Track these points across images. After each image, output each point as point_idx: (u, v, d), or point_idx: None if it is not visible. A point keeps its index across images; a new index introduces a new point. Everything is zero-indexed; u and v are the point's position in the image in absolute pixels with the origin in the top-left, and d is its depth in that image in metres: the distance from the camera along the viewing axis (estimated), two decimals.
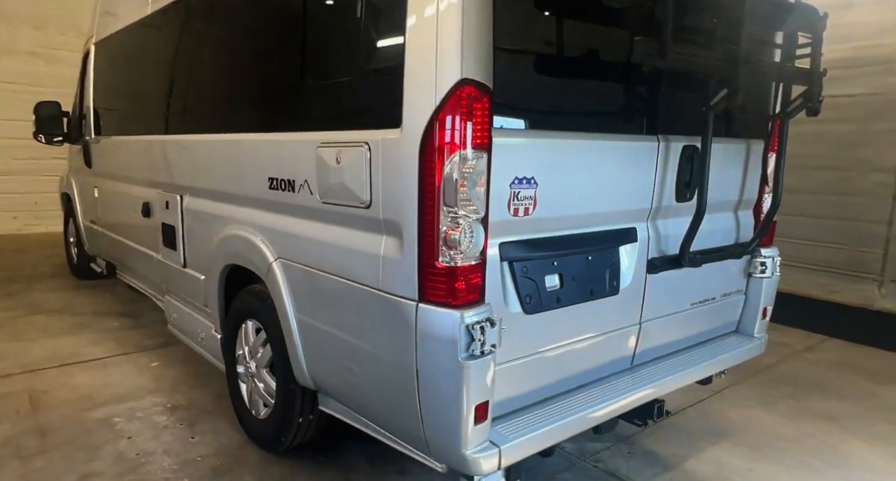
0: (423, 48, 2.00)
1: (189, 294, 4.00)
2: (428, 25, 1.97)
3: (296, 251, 2.79)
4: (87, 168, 5.80)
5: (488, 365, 2.09)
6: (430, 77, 1.98)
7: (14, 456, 3.20)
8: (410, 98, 2.05)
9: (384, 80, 2.18)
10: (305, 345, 2.82)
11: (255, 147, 3.02)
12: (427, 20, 1.98)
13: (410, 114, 2.05)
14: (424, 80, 2.00)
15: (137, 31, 4.42)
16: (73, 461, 3.17)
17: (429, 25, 1.97)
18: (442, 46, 1.94)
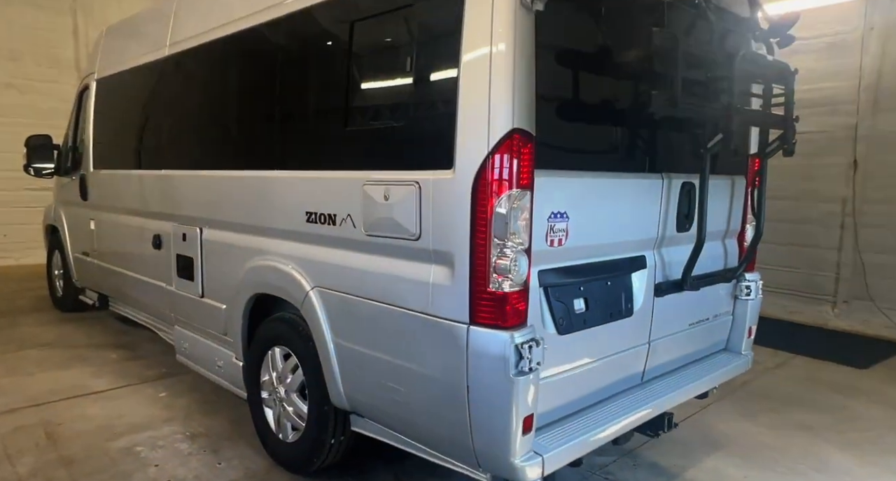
0: (476, 99, 2.27)
1: (206, 323, 4.13)
2: (480, 79, 2.26)
3: (335, 280, 3.00)
4: (83, 200, 5.86)
5: (534, 381, 2.34)
6: (482, 125, 2.25)
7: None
8: (463, 143, 2.32)
9: (436, 127, 2.44)
10: (343, 367, 3.01)
11: (292, 183, 3.23)
12: (479, 74, 2.26)
13: (463, 157, 2.32)
14: (477, 127, 2.27)
15: (156, 70, 4.57)
16: None
17: (481, 79, 2.25)
18: (494, 98, 2.22)
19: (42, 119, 10.07)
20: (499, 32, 2.22)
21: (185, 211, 4.25)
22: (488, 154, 2.24)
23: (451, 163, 2.36)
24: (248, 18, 3.53)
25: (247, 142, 3.75)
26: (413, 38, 2.64)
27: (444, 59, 2.43)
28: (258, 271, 3.53)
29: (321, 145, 3.13)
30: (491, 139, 2.23)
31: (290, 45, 3.38)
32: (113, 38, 5.60)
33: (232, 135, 3.92)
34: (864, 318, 7.25)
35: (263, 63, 3.57)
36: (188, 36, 4.15)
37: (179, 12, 4.41)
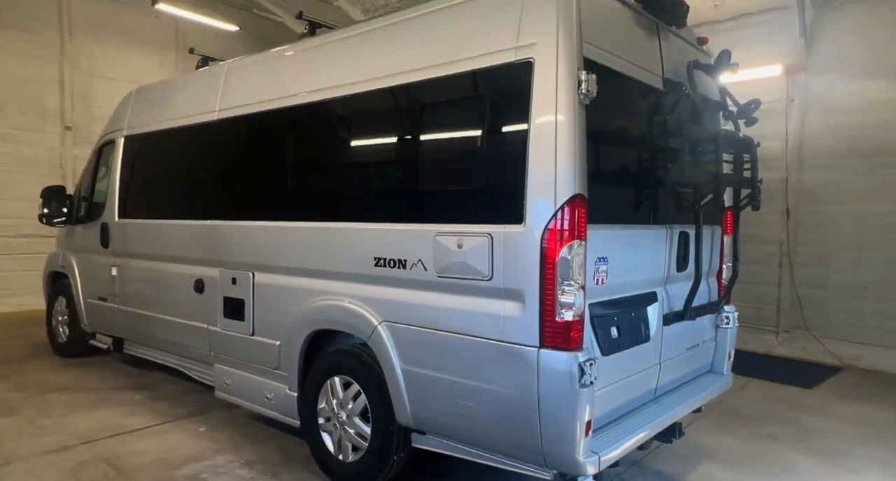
0: (543, 171, 2.93)
1: (256, 359, 4.56)
2: (547, 156, 2.92)
3: (404, 315, 3.55)
4: (103, 248, 6.17)
5: (592, 393, 2.96)
6: (549, 191, 2.91)
7: None
8: (532, 204, 2.97)
9: (506, 191, 3.08)
10: (410, 390, 3.54)
11: (361, 233, 3.78)
12: (546, 153, 2.93)
13: (532, 215, 2.97)
14: (545, 192, 2.93)
15: (206, 130, 5.04)
16: None
17: (547, 156, 2.92)
18: (560, 170, 2.89)
19: (26, 167, 10.28)
20: (562, 121, 2.90)
21: (234, 257, 4.70)
22: (555, 213, 2.89)
23: (522, 220, 3.00)
24: (324, 91, 4.09)
25: (309, 197, 4.30)
26: (484, 120, 3.29)
27: (512, 139, 3.09)
28: (320, 310, 4.04)
29: (392, 202, 3.73)
30: (557, 201, 2.89)
31: (367, 116, 3.97)
32: (144, 100, 6.05)
33: (292, 190, 4.44)
34: (803, 346, 8.23)
35: (335, 132, 4.14)
36: (248, 102, 4.68)
37: (230, 83, 4.96)
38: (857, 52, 7.80)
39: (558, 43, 2.94)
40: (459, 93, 3.41)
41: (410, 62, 3.61)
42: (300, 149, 4.50)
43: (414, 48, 3.63)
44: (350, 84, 3.94)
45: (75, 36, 10.75)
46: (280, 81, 4.51)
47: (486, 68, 3.23)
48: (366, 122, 4.00)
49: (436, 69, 3.46)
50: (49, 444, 4.53)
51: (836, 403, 6.10)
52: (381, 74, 3.75)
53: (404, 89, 3.65)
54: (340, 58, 4.11)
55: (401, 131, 3.80)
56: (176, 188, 5.49)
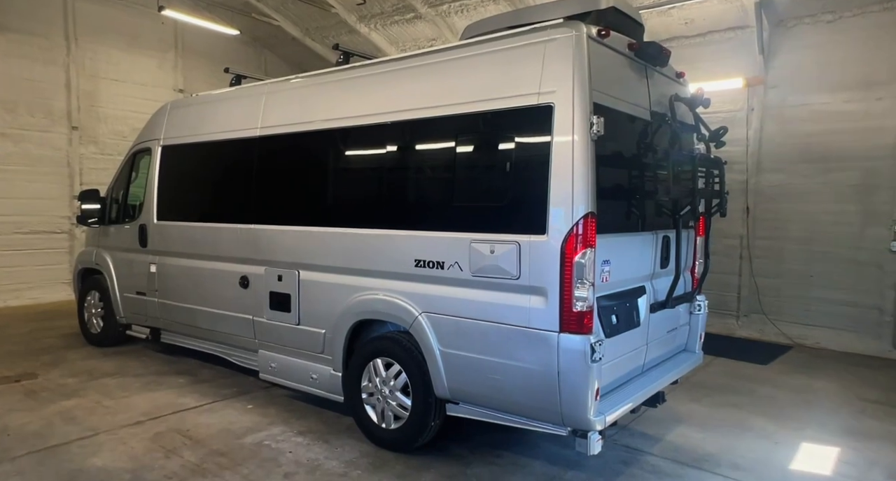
0: (562, 192, 3.75)
1: (302, 345, 5.32)
2: (565, 180, 3.73)
3: (441, 306, 4.36)
4: (142, 247, 6.82)
5: (600, 367, 3.81)
6: (567, 209, 3.73)
7: (220, 469, 4.36)
8: (553, 219, 3.79)
9: (531, 208, 3.89)
10: (447, 368, 4.35)
11: (403, 239, 4.56)
12: (564, 178, 3.74)
13: (553, 227, 3.79)
14: (564, 210, 3.75)
15: (251, 144, 5.73)
16: (266, 468, 4.39)
17: (565, 181, 3.73)
18: (576, 192, 3.71)
19: (36, 166, 10.73)
20: (577, 155, 3.72)
21: (279, 257, 5.44)
22: (572, 226, 3.72)
23: (545, 231, 3.82)
24: (370, 117, 4.82)
25: (354, 207, 5.05)
26: (511, 150, 4.09)
27: (536, 167, 3.89)
28: (364, 303, 4.83)
29: (431, 214, 4.51)
30: (574, 217, 3.72)
31: (407, 141, 4.71)
32: (181, 113, 6.69)
33: (338, 201, 5.20)
34: (760, 328, 9.30)
35: (377, 154, 4.89)
36: (292, 122, 5.41)
37: (271, 103, 5.67)
38: (807, 68, 8.81)
39: (574, 93, 3.76)
40: (491, 126, 4.20)
41: (448, 97, 4.39)
42: (345, 166, 5.25)
43: (451, 86, 4.41)
44: (393, 112, 4.70)
45: (80, 39, 11.17)
46: (324, 105, 5.23)
47: (514, 108, 4.03)
48: (405, 147, 4.76)
49: (470, 105, 4.25)
50: (123, 420, 5.23)
51: (786, 376, 7.12)
52: (422, 106, 4.53)
53: (442, 120, 4.43)
54: (383, 88, 4.85)
55: (437, 155, 4.58)
56: (218, 195, 6.18)
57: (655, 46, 4.45)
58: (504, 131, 4.15)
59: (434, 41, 11.31)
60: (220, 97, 6.41)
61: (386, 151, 4.81)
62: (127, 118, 11.84)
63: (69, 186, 11.18)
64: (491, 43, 4.29)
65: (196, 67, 12.85)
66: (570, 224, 3.74)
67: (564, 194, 3.76)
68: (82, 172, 11.32)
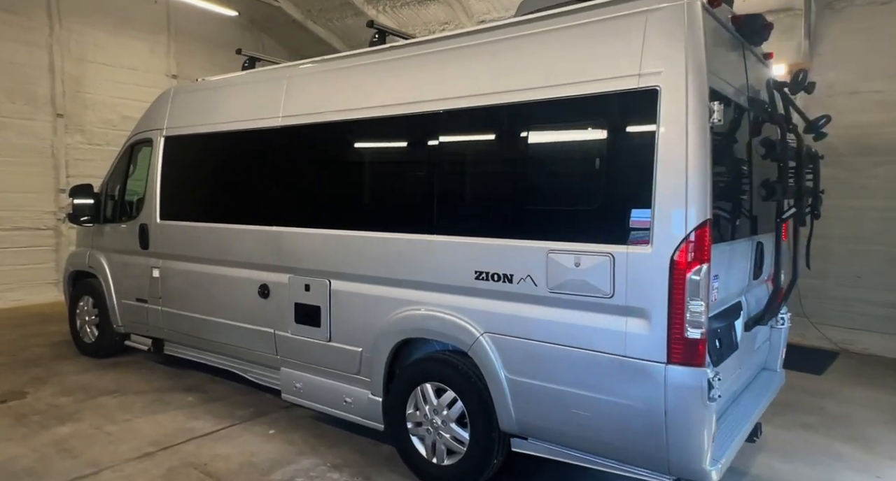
0: (672, 195, 3.10)
1: (334, 364, 4.65)
2: (677, 182, 3.08)
3: (508, 327, 3.71)
4: (142, 249, 6.10)
5: (717, 405, 3.18)
6: (679, 215, 3.08)
7: None
8: (660, 228, 3.14)
9: (631, 212, 3.25)
10: (515, 399, 3.71)
11: (461, 247, 3.89)
12: (676, 178, 3.08)
13: (660, 238, 3.14)
14: (674, 216, 3.10)
15: (272, 136, 5.01)
16: None
17: (678, 182, 3.08)
18: (691, 196, 3.06)
19: (18, 156, 9.91)
20: (693, 150, 3.06)
21: (306, 264, 4.76)
22: (686, 237, 3.08)
23: (648, 240, 3.17)
24: (420, 104, 4.12)
25: (399, 209, 4.36)
26: (601, 143, 3.44)
27: (636, 164, 3.24)
28: (411, 319, 4.16)
29: (497, 218, 3.84)
30: (688, 226, 3.07)
31: (469, 131, 4.03)
32: (187, 100, 5.94)
33: (379, 201, 4.52)
34: (801, 332, 8.73)
35: (432, 146, 4.14)
36: (322, 110, 4.69)
37: (296, 89, 4.95)
38: (857, 53, 8.21)
39: (687, 74, 3.09)
40: (574, 114, 3.53)
41: (518, 81, 3.71)
42: (387, 161, 4.57)
43: (521, 67, 3.72)
44: (448, 99, 4.00)
45: (65, 19, 10.31)
46: (361, 91, 4.53)
47: (604, 93, 3.37)
48: (463, 139, 4.08)
49: (547, 90, 3.57)
50: (128, 451, 4.54)
51: (847, 388, 6.56)
52: (484, 91, 3.84)
53: (510, 108, 3.75)
54: (435, 71, 4.15)
55: (504, 150, 3.91)
56: (232, 193, 5.47)
57: (759, 20, 3.80)
58: (591, 120, 3.49)
59: (447, 25, 10.59)
60: (232, 82, 5.68)
61: (439, 144, 4.10)
62: (116, 105, 11.02)
63: (54, 179, 10.37)
64: (572, 16, 3.61)
65: (190, 52, 12.02)
66: (683, 232, 3.09)
67: (675, 196, 3.11)
68: (68, 164, 10.50)
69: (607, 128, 3.41)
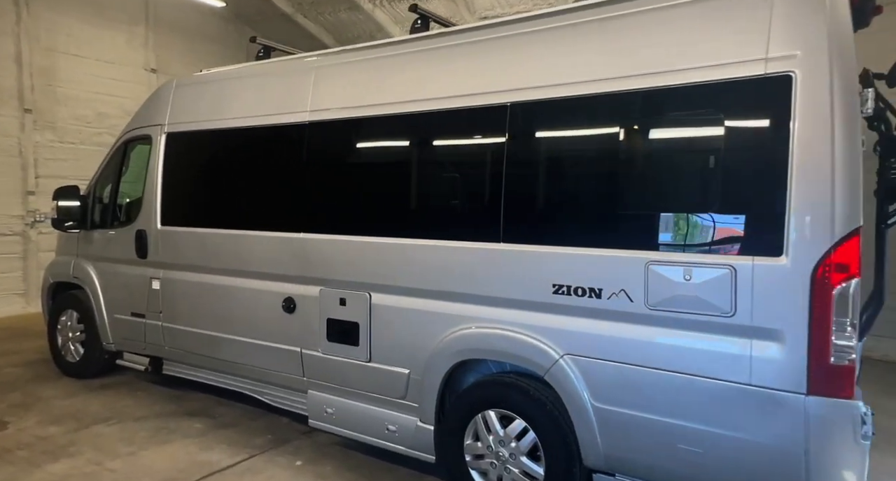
0: (815, 199, 2.67)
1: (375, 388, 4.13)
2: (822, 182, 2.66)
3: (595, 348, 3.26)
4: (140, 258, 5.46)
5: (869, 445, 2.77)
6: (824, 221, 2.66)
7: None
8: (798, 236, 2.71)
9: (756, 219, 2.83)
10: (604, 430, 3.26)
11: (537, 257, 3.42)
12: (820, 177, 2.66)
13: (798, 248, 2.71)
14: (817, 223, 2.67)
15: (292, 133, 4.48)
16: None
17: (822, 182, 2.65)
18: (839, 200, 2.64)
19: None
20: (841, 146, 2.65)
21: (341, 276, 4.23)
22: (832, 246, 2.66)
23: (781, 252, 2.75)
24: (486, 96, 3.64)
25: (459, 214, 3.88)
26: (717, 139, 2.99)
27: (764, 162, 2.82)
28: (473, 338, 3.68)
29: (583, 224, 3.37)
30: (836, 233, 2.66)
31: (548, 126, 3.56)
32: (193, 93, 5.32)
33: (432, 206, 4.02)
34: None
35: (499, 142, 3.62)
36: (360, 104, 4.17)
37: (326, 80, 4.42)
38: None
39: (832, 56, 2.68)
40: (681, 105, 3.09)
41: (608, 68, 3.25)
42: (447, 160, 4.07)
43: (612, 52, 3.27)
44: (518, 90, 3.53)
45: (33, 5, 9.47)
46: (409, 82, 4.02)
47: (722, 81, 2.93)
48: (544, 134, 3.61)
49: (646, 78, 3.12)
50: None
51: (884, 399, 6.27)
52: (565, 80, 3.38)
53: (598, 100, 3.29)
54: (501, 58, 3.66)
55: (596, 146, 3.45)
56: (249, 195, 4.89)
57: (871, 3, 3.41)
58: (704, 112, 3.06)
59: None
60: (247, 73, 5.10)
61: (511, 139, 3.59)
62: (91, 101, 10.22)
63: (22, 180, 9.52)
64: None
65: (169, 45, 11.26)
66: (829, 242, 2.67)
67: (819, 201, 2.69)
68: (37, 163, 9.67)
69: (726, 121, 2.96)
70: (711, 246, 2.95)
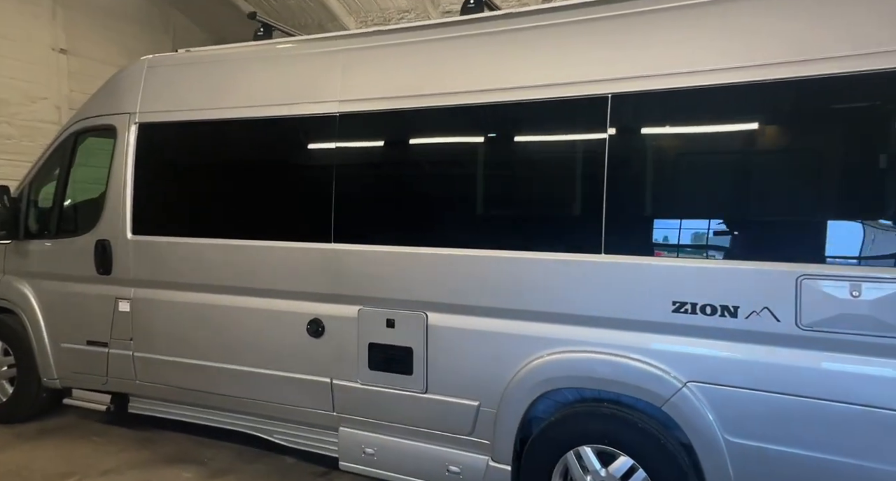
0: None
1: (431, 423, 3.56)
2: None
3: (730, 374, 2.87)
4: (101, 274, 4.50)
5: None
6: None
7: None
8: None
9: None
10: (739, 469, 2.87)
11: (654, 271, 2.99)
12: None
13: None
14: None
15: (317, 126, 3.82)
16: None
17: None
18: None
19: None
20: None
21: (389, 293, 3.61)
22: None
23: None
24: (578, 86, 3.17)
25: (552, 219, 3.36)
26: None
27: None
28: (570, 364, 3.20)
29: (710, 232, 2.97)
30: None
31: (659, 118, 3.14)
32: (170, 75, 4.43)
33: (515, 209, 3.48)
34: None
35: (612, 137, 3.13)
36: (415, 94, 3.56)
37: (362, 65, 3.78)
38: None
39: None
40: (840, 96, 2.75)
41: (743, 54, 2.85)
42: (526, 158, 3.53)
43: (747, 34, 2.87)
44: (629, 78, 3.07)
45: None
46: (477, 69, 3.47)
47: None
48: (661, 129, 3.18)
49: (793, 67, 2.74)
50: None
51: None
52: (684, 69, 2.95)
53: (730, 91, 2.88)
54: (614, 42, 3.17)
55: (727, 141, 3.05)
56: (264, 199, 4.09)
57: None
58: (873, 103, 2.73)
59: (407, 14, 9.50)
60: (254, 56, 4.28)
61: (610, 135, 3.10)
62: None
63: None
64: None
65: (81, 22, 9.79)
66: None
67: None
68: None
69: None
70: (886, 257, 2.62)
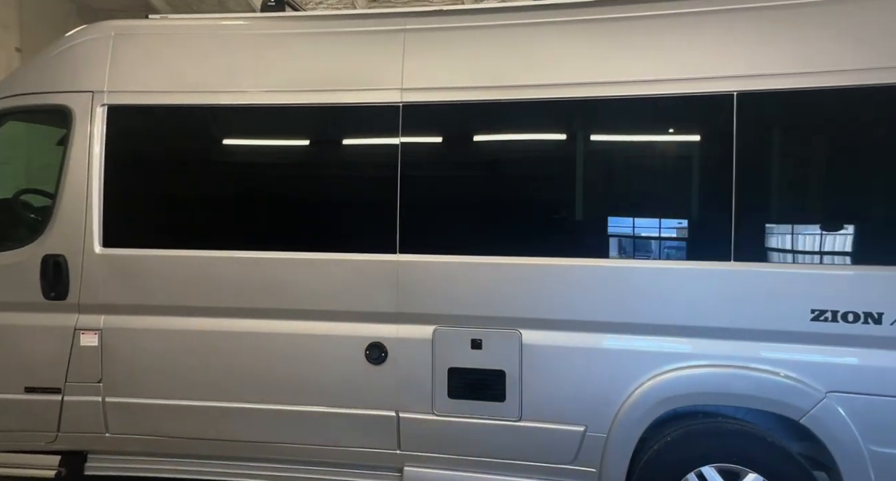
0: None
1: (525, 454, 3.19)
2: None
3: (875, 383, 2.82)
4: (50, 299, 3.47)
5: None
6: None
7: None
8: None
9: None
10: (886, 478, 2.82)
11: (792, 278, 2.87)
12: None
13: None
14: None
15: (370, 116, 3.27)
16: None
17: None
18: None
19: None
20: None
21: (472, 309, 3.16)
22: None
23: None
24: (711, 81, 2.93)
25: (675, 225, 3.08)
26: None
27: None
28: (693, 381, 2.99)
29: (855, 238, 2.89)
30: None
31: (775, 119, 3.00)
32: (157, 46, 3.48)
33: (633, 215, 3.14)
34: None
35: (756, 138, 2.94)
36: (506, 84, 3.16)
37: (432, 47, 3.31)
38: None
39: None
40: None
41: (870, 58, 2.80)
42: (635, 158, 3.27)
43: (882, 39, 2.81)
44: (757, 76, 2.90)
45: None
46: (582, 60, 3.13)
47: None
48: (797, 128, 3.03)
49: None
50: None
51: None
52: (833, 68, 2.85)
53: None
54: (735, 36, 2.97)
55: (867, 142, 2.96)
56: (304, 203, 3.40)
57: None
58: None
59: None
60: (279, 29, 3.50)
61: (737, 136, 2.90)
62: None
63: None
64: None
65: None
66: None
67: None
68: None
69: None
70: None
